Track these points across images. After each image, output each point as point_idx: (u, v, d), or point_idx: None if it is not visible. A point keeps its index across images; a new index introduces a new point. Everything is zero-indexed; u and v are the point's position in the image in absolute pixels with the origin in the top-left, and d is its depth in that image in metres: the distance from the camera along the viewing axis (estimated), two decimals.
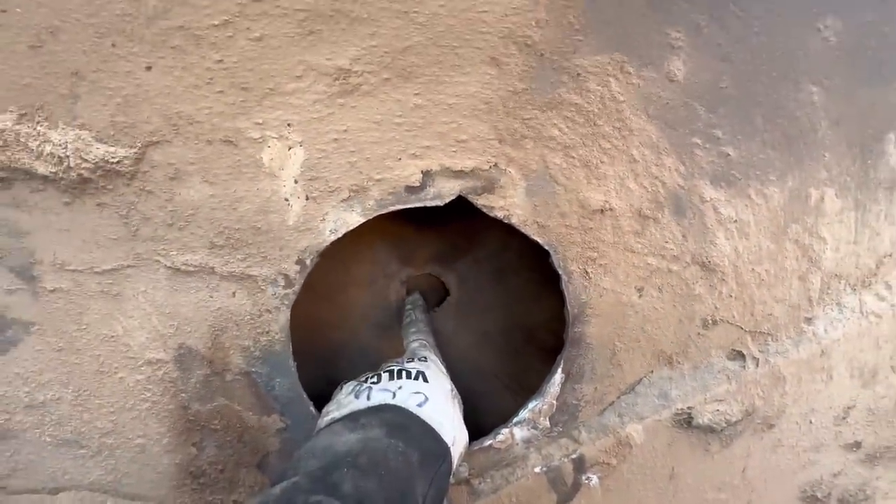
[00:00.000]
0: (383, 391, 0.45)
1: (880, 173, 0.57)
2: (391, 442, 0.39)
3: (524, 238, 0.52)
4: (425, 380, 0.47)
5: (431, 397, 0.45)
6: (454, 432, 0.45)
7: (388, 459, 0.37)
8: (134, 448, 0.55)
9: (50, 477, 0.54)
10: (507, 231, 0.54)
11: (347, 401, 0.46)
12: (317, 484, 0.34)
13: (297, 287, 0.51)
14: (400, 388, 0.46)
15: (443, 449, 0.42)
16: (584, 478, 0.63)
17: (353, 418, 0.43)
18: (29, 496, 0.54)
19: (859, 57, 0.52)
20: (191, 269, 0.50)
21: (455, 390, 0.50)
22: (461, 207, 0.52)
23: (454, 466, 0.45)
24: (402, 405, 0.43)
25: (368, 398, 0.45)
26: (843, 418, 0.67)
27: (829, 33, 0.51)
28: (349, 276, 0.71)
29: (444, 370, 0.52)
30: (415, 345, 0.58)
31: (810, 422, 0.66)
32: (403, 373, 0.48)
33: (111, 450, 0.54)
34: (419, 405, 0.43)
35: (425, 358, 0.52)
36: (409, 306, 0.68)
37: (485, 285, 0.75)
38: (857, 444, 0.69)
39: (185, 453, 0.55)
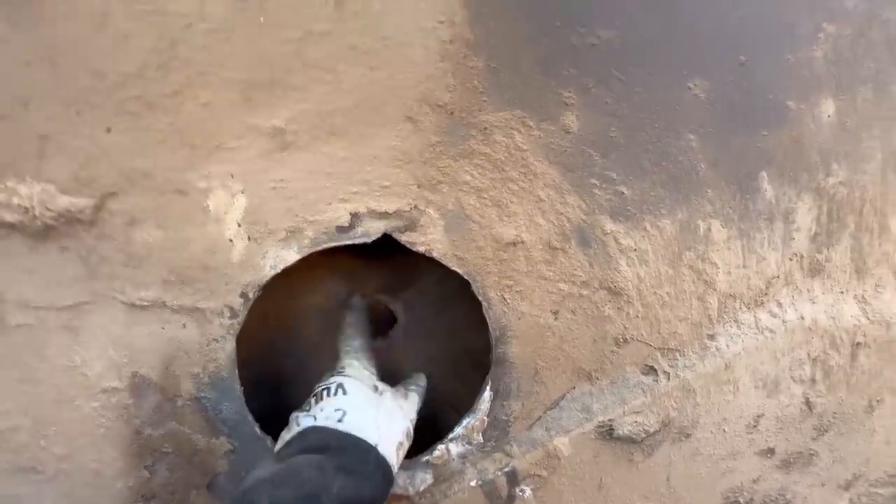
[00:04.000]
0: (307, 417, 0.52)
1: (759, 206, 0.66)
2: (308, 457, 0.45)
3: None
4: (344, 392, 0.53)
5: (350, 408, 0.51)
6: (379, 432, 0.51)
7: (303, 472, 0.43)
8: (89, 473, 0.58)
9: (5, 503, 0.57)
10: None
11: (285, 434, 0.53)
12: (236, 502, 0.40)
13: (241, 318, 0.56)
14: (322, 409, 0.52)
15: (365, 451, 0.49)
16: (517, 490, 0.68)
17: (277, 454, 0.49)
18: None
19: (726, 109, 0.62)
20: (145, 303, 0.55)
21: (381, 386, 0.57)
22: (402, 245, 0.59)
23: (393, 456, 0.51)
24: (324, 424, 0.49)
25: (297, 425, 0.52)
26: (755, 426, 0.73)
27: (699, 91, 0.61)
28: (301, 307, 0.77)
29: (367, 369, 0.59)
30: (341, 353, 0.63)
31: (724, 430, 0.72)
32: (325, 392, 0.54)
33: (67, 475, 0.58)
34: (339, 420, 0.50)
35: (343, 368, 0.58)
36: (347, 311, 0.72)
37: (430, 312, 0.81)
38: (771, 451, 0.75)
39: (137, 476, 0.59)
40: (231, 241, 0.54)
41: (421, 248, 0.58)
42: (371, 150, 0.55)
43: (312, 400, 0.54)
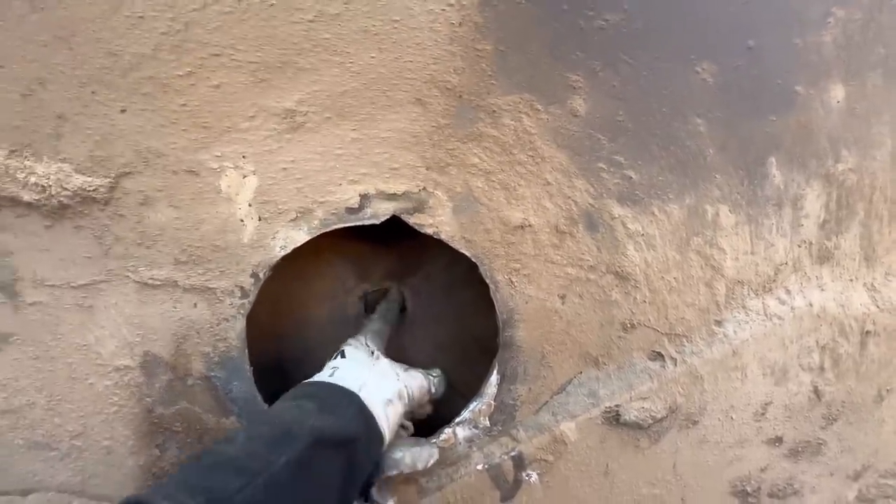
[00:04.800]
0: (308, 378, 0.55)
1: (767, 191, 0.65)
2: (289, 402, 0.47)
3: None
4: (343, 356, 0.57)
5: (342, 366, 0.55)
6: (365, 382, 0.54)
7: (283, 413, 0.45)
8: (101, 450, 0.59)
9: (20, 479, 0.59)
10: (455, 249, 0.61)
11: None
12: (217, 444, 0.41)
13: (251, 297, 0.57)
14: (322, 370, 0.56)
15: (345, 395, 0.51)
16: (524, 475, 0.68)
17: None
18: None
19: (734, 94, 0.62)
20: (157, 283, 0.56)
21: (378, 353, 0.61)
22: (409, 228, 0.59)
23: (379, 408, 0.53)
24: (316, 379, 0.53)
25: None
26: (762, 414, 0.73)
27: (707, 75, 0.61)
28: (310, 292, 0.78)
29: (370, 344, 0.63)
30: (360, 331, 0.68)
31: (731, 418, 0.72)
32: (328, 359, 0.58)
33: (80, 452, 0.59)
34: (330, 375, 0.53)
35: (349, 342, 0.62)
36: (384, 300, 0.77)
37: (437, 298, 0.82)
38: (779, 440, 0.74)
39: (148, 455, 0.60)
40: (242, 221, 0.55)
41: (429, 231, 0.58)
42: (380, 132, 0.56)
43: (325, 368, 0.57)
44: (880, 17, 0.64)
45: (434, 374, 0.68)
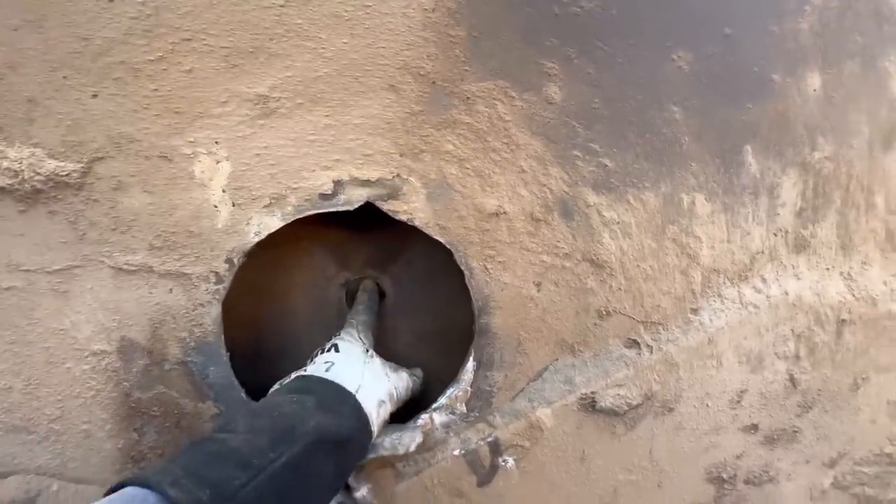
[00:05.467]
0: (299, 371, 0.53)
1: (743, 180, 0.66)
2: (288, 396, 0.47)
3: None
4: (337, 350, 0.57)
5: (338, 361, 0.54)
6: (360, 381, 0.54)
7: (282, 406, 0.45)
8: (79, 434, 0.60)
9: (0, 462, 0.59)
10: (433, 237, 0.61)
11: (274, 387, 0.54)
12: (213, 431, 0.41)
13: (226, 283, 0.58)
14: (313, 363, 0.55)
15: (343, 394, 0.51)
16: (500, 460, 0.69)
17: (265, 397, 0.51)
18: None
19: (710, 82, 0.62)
20: (132, 268, 0.57)
21: (372, 352, 0.61)
22: (389, 217, 0.59)
23: (373, 409, 0.53)
24: (311, 373, 0.52)
25: (289, 378, 0.53)
26: (738, 402, 0.73)
27: (683, 62, 0.61)
28: (290, 281, 0.78)
29: (363, 339, 0.63)
30: (346, 324, 0.68)
31: (707, 405, 0.73)
32: (319, 351, 0.58)
33: (58, 435, 0.60)
34: (326, 370, 0.53)
35: (340, 334, 0.62)
36: (360, 292, 0.77)
37: (419, 286, 0.82)
38: (755, 427, 0.75)
39: (126, 438, 0.61)
40: (216, 207, 0.55)
41: (403, 217, 0.58)
42: (353, 119, 0.56)
43: (308, 361, 0.57)
44: (857, 5, 0.64)
45: (416, 375, 0.70)
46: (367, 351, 0.60)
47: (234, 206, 0.56)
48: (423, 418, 0.66)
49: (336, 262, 0.79)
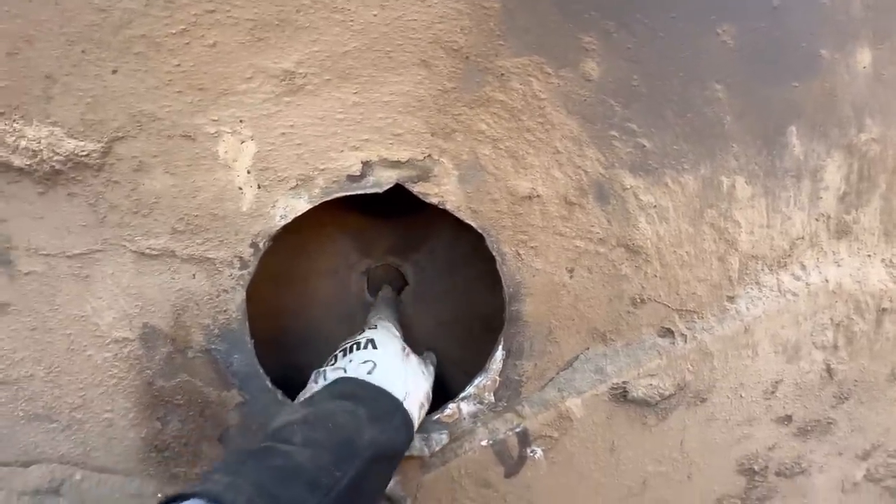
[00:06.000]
0: (336, 370, 0.52)
1: (786, 162, 0.63)
2: (340, 403, 0.45)
3: (474, 231, 0.58)
4: (374, 346, 0.53)
5: (380, 362, 0.51)
6: (406, 387, 0.51)
7: (336, 416, 0.43)
8: (102, 422, 0.59)
9: (22, 450, 0.58)
10: (459, 223, 0.59)
11: (309, 387, 0.53)
12: (268, 439, 0.40)
13: (251, 269, 0.56)
14: (350, 361, 0.52)
15: (393, 404, 0.49)
16: (528, 451, 0.67)
17: (307, 400, 0.49)
18: (0, 469, 0.58)
19: (755, 59, 0.58)
20: (154, 252, 0.55)
21: (408, 349, 0.58)
22: (413, 201, 0.57)
23: (416, 413, 0.52)
24: (353, 375, 0.50)
25: (325, 379, 0.52)
26: (772, 392, 0.71)
27: (727, 37, 0.57)
28: (312, 268, 0.76)
29: (396, 333, 0.59)
30: (371, 318, 0.65)
31: (741, 396, 0.70)
32: (354, 346, 0.54)
33: (80, 424, 0.58)
34: (369, 372, 0.50)
35: (375, 326, 0.59)
36: (377, 299, 0.74)
37: (441, 275, 0.80)
38: (788, 418, 0.73)
39: (150, 427, 0.59)
40: (241, 189, 0.53)
41: (434, 200, 0.56)
42: (383, 96, 0.53)
43: (339, 354, 0.54)
44: None
45: (432, 362, 0.68)
46: (404, 349, 0.58)
47: (259, 188, 0.53)
48: (451, 408, 0.65)
49: (358, 249, 0.77)
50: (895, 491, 0.83)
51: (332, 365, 0.53)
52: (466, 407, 0.65)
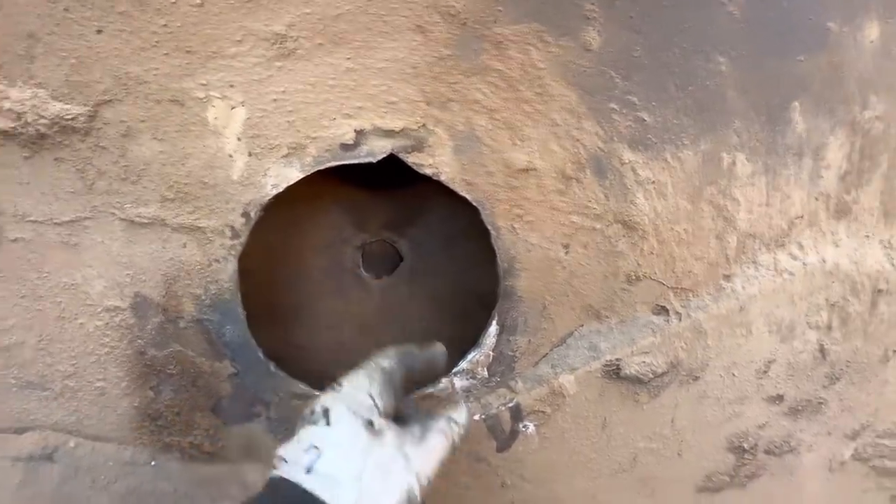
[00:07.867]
0: (280, 460, 0.40)
1: (788, 139, 0.62)
2: None
3: (472, 206, 0.57)
4: (327, 421, 0.41)
5: (326, 449, 0.39)
6: (359, 492, 0.38)
7: None
8: (94, 391, 0.59)
9: (15, 418, 0.58)
10: (456, 198, 0.58)
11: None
12: None
13: (243, 238, 0.55)
14: (298, 442, 0.40)
15: None
16: (521, 426, 0.68)
17: None
18: None
19: (762, 30, 0.57)
20: (144, 221, 0.54)
21: (378, 424, 0.42)
22: (409, 175, 0.56)
23: None
24: (288, 474, 0.38)
25: (274, 467, 0.40)
26: (765, 372, 0.71)
27: (733, 7, 0.56)
28: (305, 241, 0.75)
29: (372, 395, 0.43)
30: (351, 371, 0.47)
31: (733, 374, 0.71)
32: (309, 413, 0.42)
33: (73, 392, 0.58)
34: (308, 469, 0.38)
35: (340, 385, 0.44)
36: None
37: (437, 251, 0.79)
38: (780, 398, 0.74)
39: (142, 397, 0.60)
40: (231, 156, 0.52)
41: (428, 171, 0.55)
42: (377, 62, 0.52)
43: (299, 422, 0.42)
44: None
45: (441, 356, 0.53)
46: (372, 424, 0.41)
47: (250, 155, 0.52)
48: (444, 382, 0.65)
49: (353, 222, 0.76)
50: (882, 470, 0.84)
51: (285, 445, 0.41)
52: (459, 382, 0.66)
